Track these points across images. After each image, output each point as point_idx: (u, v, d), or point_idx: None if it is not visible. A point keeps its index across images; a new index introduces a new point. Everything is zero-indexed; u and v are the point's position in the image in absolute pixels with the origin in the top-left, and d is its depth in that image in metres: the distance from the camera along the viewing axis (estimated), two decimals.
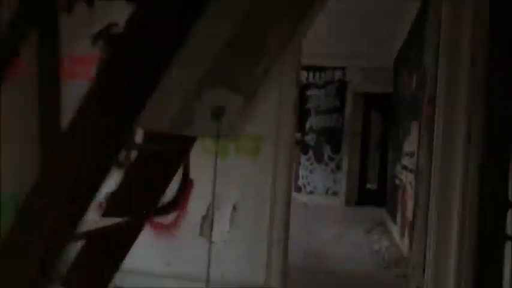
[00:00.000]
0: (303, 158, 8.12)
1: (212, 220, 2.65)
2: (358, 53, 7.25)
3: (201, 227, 2.68)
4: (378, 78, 7.56)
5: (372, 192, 9.86)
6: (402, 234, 4.46)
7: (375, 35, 6.07)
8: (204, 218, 2.68)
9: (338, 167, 7.93)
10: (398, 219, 4.88)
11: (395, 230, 5.04)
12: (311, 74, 8.04)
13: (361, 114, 8.32)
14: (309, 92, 8.05)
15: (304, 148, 8.12)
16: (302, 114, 8.02)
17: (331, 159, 7.98)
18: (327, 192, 7.98)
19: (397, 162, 5.55)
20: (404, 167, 4.80)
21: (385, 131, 8.09)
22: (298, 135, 8.12)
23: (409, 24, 4.96)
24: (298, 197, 8.01)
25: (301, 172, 8.12)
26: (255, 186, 2.68)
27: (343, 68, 7.85)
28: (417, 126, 4.15)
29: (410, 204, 4.16)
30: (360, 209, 7.57)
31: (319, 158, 8.04)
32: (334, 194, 7.94)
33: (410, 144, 4.53)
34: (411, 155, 4.41)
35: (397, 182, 5.43)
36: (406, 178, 4.66)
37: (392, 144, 6.39)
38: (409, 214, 4.22)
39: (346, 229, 5.62)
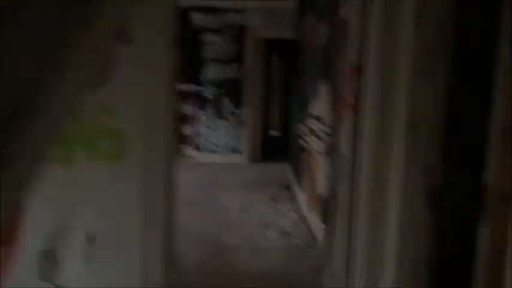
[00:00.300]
0: (201, 114, 7.29)
1: (57, 257, 1.80)
2: None
3: (41, 268, 1.82)
4: (281, 22, 6.82)
5: (276, 141, 9.54)
6: (311, 208, 3.99)
7: None
8: (45, 254, 1.82)
9: (240, 122, 7.26)
10: (306, 188, 4.40)
11: (302, 199, 4.59)
12: (206, 17, 7.04)
13: (263, 61, 7.62)
14: (204, 38, 7.09)
15: (201, 103, 7.27)
16: (197, 64, 7.11)
17: (232, 114, 7.26)
18: (229, 150, 7.33)
19: (302, 120, 5.01)
20: (311, 130, 4.25)
21: (289, 77, 7.53)
22: (198, 88, 7.27)
23: None
24: (198, 157, 7.29)
25: (200, 130, 7.33)
26: (119, 205, 1.85)
27: (241, 11, 6.96)
28: (325, 88, 3.54)
29: (320, 177, 3.65)
30: (264, 166, 7.08)
31: (219, 113, 7.28)
32: (237, 151, 7.32)
33: (317, 108, 3.95)
34: (318, 119, 3.84)
35: (303, 143, 4.91)
36: (314, 144, 4.12)
37: (297, 98, 5.82)
38: (319, 188, 3.72)
39: (250, 196, 5.06)
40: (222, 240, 3.61)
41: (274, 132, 10.85)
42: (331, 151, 2.78)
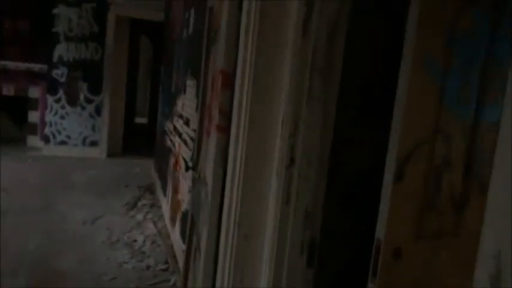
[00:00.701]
0: (50, 99, 6.21)
1: None
2: None
3: None
4: (148, 1, 6.09)
5: (142, 130, 8.77)
6: (173, 222, 3.49)
7: None
8: None
9: (98, 111, 6.36)
10: (170, 196, 3.88)
11: (166, 208, 4.05)
12: None
13: (128, 42, 6.78)
14: (56, 10, 6.00)
15: (51, 86, 6.18)
16: (48, 40, 6.01)
17: (89, 101, 6.32)
18: (84, 142, 6.39)
19: (169, 116, 4.45)
20: (178, 133, 3.73)
21: (158, 59, 6.83)
22: (43, 67, 6.16)
23: None
24: (46, 150, 6.23)
25: (48, 118, 6.24)
26: None
27: None
28: (195, 87, 3.05)
29: (185, 188, 3.17)
30: (125, 162, 6.32)
31: (73, 99, 6.27)
32: (94, 144, 6.42)
33: (185, 108, 3.43)
34: (186, 122, 3.34)
35: (168, 142, 4.36)
36: (180, 148, 3.61)
37: (164, 90, 5.21)
38: (182, 198, 3.24)
39: (101, 201, 4.34)
40: (54, 265, 2.91)
41: (140, 120, 10.05)
42: (194, 168, 2.31)
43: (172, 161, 4.01)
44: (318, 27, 1.28)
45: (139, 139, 7.81)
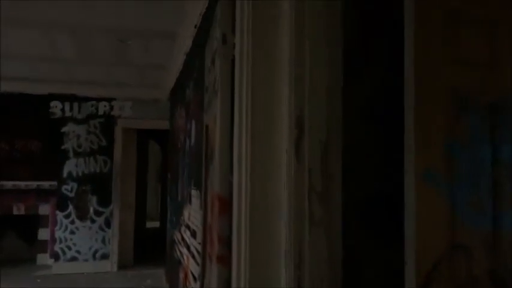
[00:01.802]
0: (60, 215, 6.17)
1: None
2: (126, 82, 5.85)
3: None
4: (154, 111, 6.30)
5: (153, 235, 8.59)
6: None
7: (143, 59, 4.75)
8: None
9: (108, 223, 6.28)
10: None
11: None
12: (67, 106, 6.22)
13: (134, 150, 6.89)
14: (65, 128, 6.20)
15: (61, 202, 6.18)
16: (57, 157, 6.13)
17: (98, 213, 6.27)
18: (94, 256, 6.21)
19: (177, 225, 4.33)
20: (187, 245, 3.58)
21: (167, 162, 6.85)
22: (53, 184, 6.21)
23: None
24: (56, 268, 6.04)
25: (58, 234, 6.15)
26: None
27: (109, 100, 6.30)
28: (199, 198, 2.98)
29: None
30: (136, 274, 6.08)
31: (82, 213, 6.22)
32: (105, 257, 6.24)
33: (191, 217, 3.33)
34: (193, 233, 3.22)
35: (178, 253, 4.20)
36: (188, 261, 3.45)
37: (172, 198, 5.16)
38: None
39: None
40: None
41: (152, 224, 9.89)
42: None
43: (182, 274, 3.81)
44: (310, 148, 1.22)
45: (151, 245, 7.62)
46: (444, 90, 1.32)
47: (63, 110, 6.21)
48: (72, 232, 6.18)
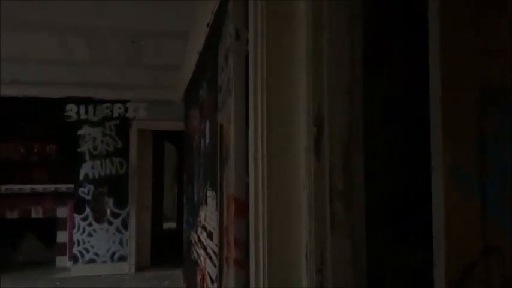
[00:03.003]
0: (77, 218, 6.21)
1: None
2: (140, 84, 5.85)
3: None
4: (169, 113, 6.30)
5: (170, 237, 8.59)
6: None
7: (157, 60, 4.74)
8: None
9: (125, 225, 6.29)
10: None
11: None
12: (82, 109, 6.26)
13: (150, 151, 6.89)
14: (81, 131, 6.24)
15: (78, 205, 6.22)
16: (74, 160, 6.17)
17: (115, 215, 6.29)
18: (112, 258, 6.24)
19: (194, 226, 4.30)
20: (204, 246, 3.55)
21: (183, 163, 6.85)
22: (70, 187, 6.25)
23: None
24: (74, 270, 6.08)
25: (76, 236, 6.19)
26: None
27: (124, 102, 6.31)
28: (215, 199, 2.93)
29: None
30: (154, 276, 6.08)
31: (99, 216, 6.25)
32: (122, 258, 6.26)
33: (207, 218, 3.30)
34: (209, 234, 3.18)
35: (195, 254, 4.17)
36: (205, 262, 3.41)
37: (188, 199, 5.14)
38: None
39: None
40: None
41: (169, 225, 9.91)
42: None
43: (199, 276, 3.78)
44: (330, 146, 1.16)
45: (168, 246, 7.63)
46: (473, 84, 1.24)
47: (78, 113, 6.24)
48: (89, 234, 6.21)
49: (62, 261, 6.53)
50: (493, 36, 1.21)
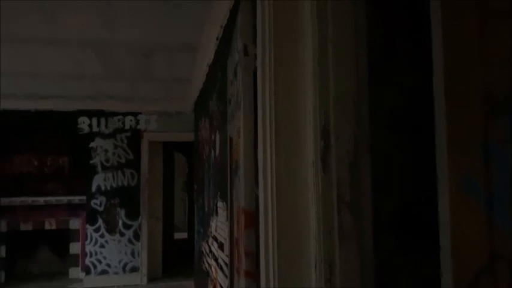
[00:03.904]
0: (90, 229, 6.28)
1: None
2: (151, 96, 5.93)
3: None
4: (179, 124, 6.37)
5: (181, 248, 8.62)
6: None
7: (167, 73, 4.81)
8: None
9: (137, 236, 6.34)
10: None
11: None
12: (95, 121, 6.35)
13: (161, 163, 6.96)
14: (93, 144, 6.33)
15: (90, 216, 6.29)
16: (86, 172, 6.25)
17: (127, 226, 6.34)
18: (124, 269, 6.28)
19: (205, 237, 4.33)
20: (214, 257, 3.57)
21: (193, 173, 6.90)
22: (83, 198, 6.33)
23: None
24: (87, 281, 6.13)
25: (88, 248, 6.25)
26: None
27: (135, 114, 6.40)
28: (225, 210, 2.97)
29: None
30: (166, 287, 6.10)
31: (111, 227, 6.31)
32: (134, 269, 6.30)
33: (217, 229, 3.33)
34: (220, 245, 3.21)
35: (206, 265, 4.19)
36: (216, 273, 3.43)
37: (197, 205, 5.17)
38: None
39: None
40: None
41: (180, 235, 9.93)
42: None
43: (210, 286, 3.79)
44: (338, 159, 1.19)
45: (179, 257, 7.65)
46: (477, 94, 1.26)
47: (90, 125, 6.34)
48: (102, 246, 6.27)
49: (75, 272, 6.59)
50: (497, 47, 1.23)
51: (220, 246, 3.19)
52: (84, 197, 6.35)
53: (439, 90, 1.13)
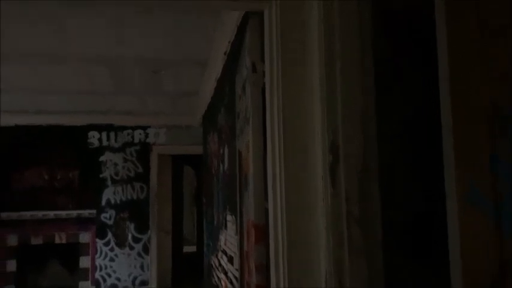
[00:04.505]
0: (99, 243, 6.30)
1: None
2: (160, 110, 6.00)
3: None
4: (188, 137, 6.41)
5: (191, 261, 8.60)
6: None
7: (176, 87, 4.87)
8: None
9: (146, 250, 6.35)
10: None
11: None
12: (104, 135, 6.42)
13: (170, 176, 7.00)
14: (103, 158, 6.39)
15: (100, 230, 6.32)
16: (96, 186, 6.30)
17: (137, 240, 6.36)
18: (133, 282, 6.28)
19: (214, 250, 4.33)
20: (224, 270, 3.57)
21: (202, 186, 6.92)
22: (93, 212, 6.37)
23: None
24: None
25: (98, 262, 6.27)
26: None
27: (144, 127, 6.46)
28: (234, 223, 2.98)
29: None
30: None
31: (121, 241, 6.33)
32: (144, 283, 6.30)
33: (227, 243, 3.33)
34: (230, 259, 3.21)
35: (215, 279, 4.18)
36: (226, 287, 3.43)
37: (206, 218, 5.19)
38: None
39: None
40: None
41: (189, 248, 9.92)
42: None
43: None
44: (346, 173, 1.20)
45: (188, 270, 7.63)
46: (484, 106, 1.27)
47: (100, 139, 6.40)
48: (111, 259, 6.28)
49: (85, 286, 6.59)
50: (503, 62, 1.24)
51: (230, 259, 3.20)
52: (94, 211, 6.39)
53: (445, 105, 1.14)
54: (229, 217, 3.26)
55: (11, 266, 6.34)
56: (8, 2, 2.52)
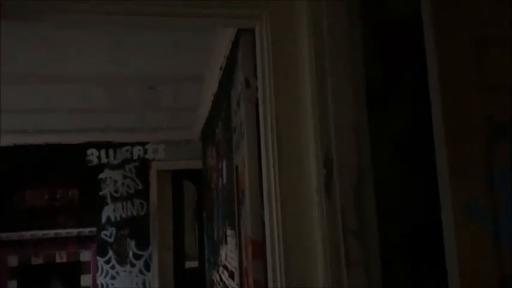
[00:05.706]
0: (100, 261, 6.26)
1: None
2: (158, 126, 6.01)
3: None
4: (187, 152, 6.42)
5: (193, 276, 8.53)
6: None
7: (173, 103, 4.89)
8: None
9: (147, 266, 6.31)
10: None
11: None
12: (103, 153, 6.42)
13: (170, 191, 6.98)
14: (102, 175, 6.38)
15: (101, 248, 6.29)
16: (96, 204, 6.29)
17: (138, 257, 6.32)
18: None
19: (215, 265, 4.31)
20: (225, 286, 3.54)
21: (202, 201, 6.89)
22: (93, 230, 6.34)
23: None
24: None
25: (99, 280, 6.22)
26: None
27: (143, 144, 6.47)
28: (234, 238, 2.96)
29: None
30: None
31: (122, 258, 6.29)
32: None
33: (227, 258, 3.32)
34: (231, 274, 3.19)
35: None
36: None
37: (207, 233, 5.16)
38: None
39: None
40: None
41: (191, 263, 9.84)
42: None
43: None
44: (341, 186, 1.20)
45: (190, 286, 7.56)
46: (478, 119, 1.27)
47: (99, 157, 6.40)
48: (112, 277, 6.24)
49: None
50: (496, 73, 1.25)
51: (231, 275, 3.18)
52: (94, 229, 6.36)
53: (437, 119, 1.15)
54: (229, 231, 3.25)
55: (12, 287, 6.29)
56: (7, 26, 2.55)
